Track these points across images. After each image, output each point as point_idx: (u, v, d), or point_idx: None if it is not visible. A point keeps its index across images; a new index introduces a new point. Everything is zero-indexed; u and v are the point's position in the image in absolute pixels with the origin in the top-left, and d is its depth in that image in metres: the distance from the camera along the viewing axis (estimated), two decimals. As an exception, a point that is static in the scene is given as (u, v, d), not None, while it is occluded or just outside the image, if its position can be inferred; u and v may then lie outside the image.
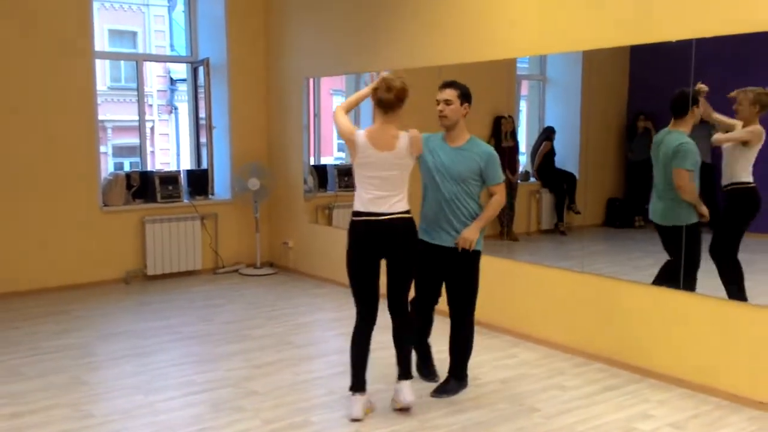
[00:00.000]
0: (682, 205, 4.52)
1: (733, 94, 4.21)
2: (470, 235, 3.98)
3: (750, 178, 4.28)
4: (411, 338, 4.06)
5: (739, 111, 4.22)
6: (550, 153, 5.91)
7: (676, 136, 4.48)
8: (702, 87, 4.30)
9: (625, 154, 5.43)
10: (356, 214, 3.84)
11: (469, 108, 4.07)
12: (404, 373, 3.95)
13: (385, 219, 3.79)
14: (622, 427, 3.73)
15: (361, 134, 3.81)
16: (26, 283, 6.56)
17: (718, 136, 4.40)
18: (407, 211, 3.85)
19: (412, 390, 3.93)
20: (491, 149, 4.09)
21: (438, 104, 4.05)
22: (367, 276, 3.87)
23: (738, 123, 4.34)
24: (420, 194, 4.17)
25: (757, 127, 4.21)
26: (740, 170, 4.31)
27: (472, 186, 4.03)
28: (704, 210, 4.45)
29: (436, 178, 4.04)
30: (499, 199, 4.05)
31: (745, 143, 4.27)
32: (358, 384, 3.88)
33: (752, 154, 4.25)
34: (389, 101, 3.79)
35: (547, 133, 5.97)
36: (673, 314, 4.33)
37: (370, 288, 3.88)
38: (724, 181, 4.41)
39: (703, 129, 4.62)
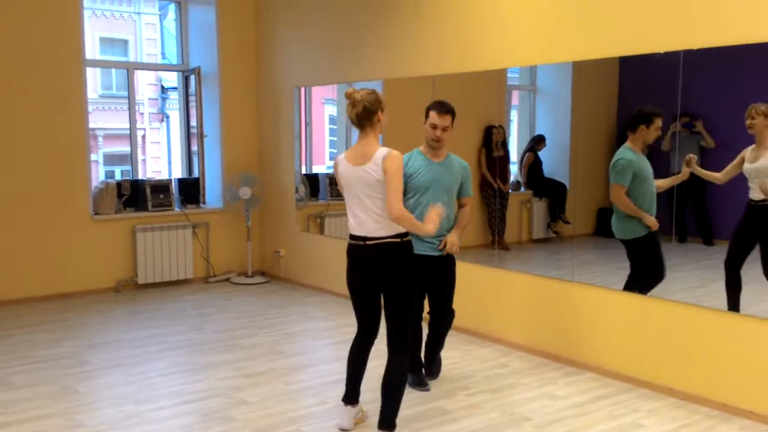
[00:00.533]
0: (628, 219, 4.70)
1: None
2: (456, 240, 4.28)
3: None
4: (401, 385, 3.61)
5: (753, 126, 4.25)
6: (536, 163, 5.93)
7: (620, 151, 4.68)
8: (692, 156, 4.49)
9: (615, 164, 5.46)
10: (349, 236, 3.66)
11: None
12: (384, 423, 3.59)
13: (370, 244, 3.54)
14: (613, 437, 3.75)
15: (340, 156, 3.66)
16: (17, 292, 6.53)
17: None
18: (395, 235, 3.54)
19: None
20: (467, 164, 4.42)
21: (435, 129, 4.17)
22: (362, 297, 3.70)
23: (716, 175, 4.48)
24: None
25: None
26: None
27: (453, 197, 4.33)
28: (650, 221, 4.62)
29: (427, 192, 4.16)
30: (471, 209, 4.46)
31: None
32: (349, 395, 3.84)
33: None
34: (357, 116, 3.52)
35: (531, 144, 6.00)
36: (663, 324, 4.35)
37: (366, 308, 3.72)
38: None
39: (692, 139, 4.67)
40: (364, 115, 3.52)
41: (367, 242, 3.54)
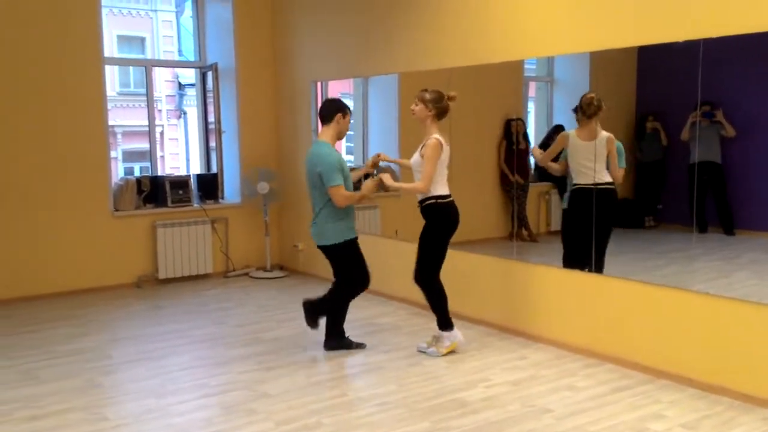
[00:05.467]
0: None
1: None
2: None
3: None
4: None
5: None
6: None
7: None
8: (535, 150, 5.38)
9: (634, 155, 5.43)
10: (448, 196, 4.82)
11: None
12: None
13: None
14: (634, 428, 3.73)
15: (440, 137, 4.66)
16: (39, 288, 6.61)
17: None
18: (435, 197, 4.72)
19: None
20: (319, 146, 4.83)
21: None
22: None
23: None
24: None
25: None
26: None
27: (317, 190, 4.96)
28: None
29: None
30: (341, 197, 4.76)
31: None
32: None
33: None
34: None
35: (547, 139, 5.98)
36: (684, 315, 4.32)
37: None
38: None
39: (712, 128, 4.63)
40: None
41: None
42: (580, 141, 4.98)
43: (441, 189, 4.74)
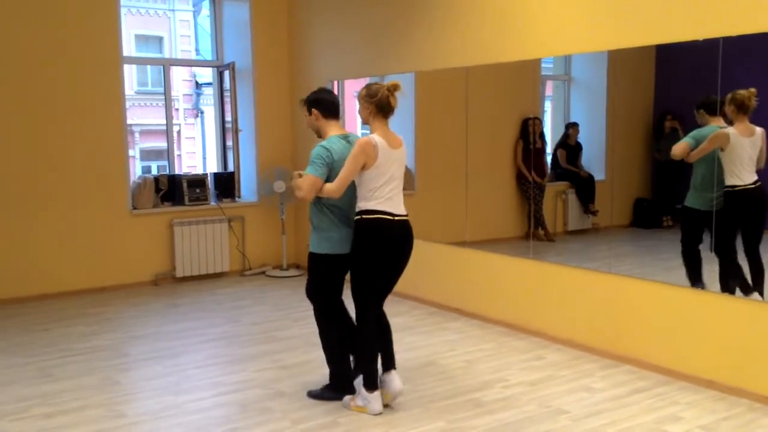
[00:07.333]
0: None
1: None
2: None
3: None
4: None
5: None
6: (571, 156, 5.91)
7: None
8: None
9: (652, 154, 5.38)
10: (386, 213, 3.94)
11: (319, 113, 4.17)
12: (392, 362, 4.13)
13: (406, 220, 4.03)
14: (652, 430, 3.70)
15: (376, 138, 3.87)
16: (57, 286, 6.66)
17: None
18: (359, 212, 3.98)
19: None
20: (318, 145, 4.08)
21: None
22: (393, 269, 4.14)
23: None
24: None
25: None
26: None
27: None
28: None
29: None
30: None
31: None
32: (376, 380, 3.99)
33: None
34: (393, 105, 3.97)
35: (564, 138, 5.95)
36: (703, 315, 4.29)
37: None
38: None
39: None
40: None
41: (403, 218, 3.95)
42: (743, 138, 4.39)
43: (384, 205, 3.87)
